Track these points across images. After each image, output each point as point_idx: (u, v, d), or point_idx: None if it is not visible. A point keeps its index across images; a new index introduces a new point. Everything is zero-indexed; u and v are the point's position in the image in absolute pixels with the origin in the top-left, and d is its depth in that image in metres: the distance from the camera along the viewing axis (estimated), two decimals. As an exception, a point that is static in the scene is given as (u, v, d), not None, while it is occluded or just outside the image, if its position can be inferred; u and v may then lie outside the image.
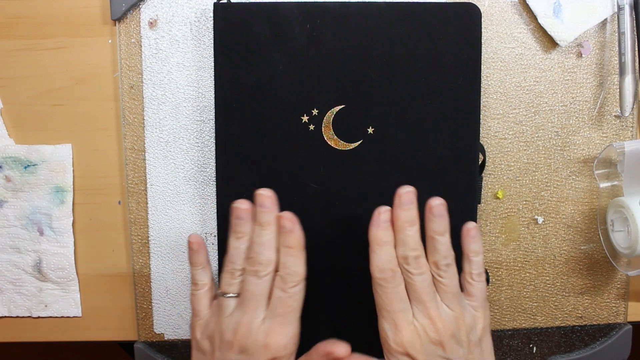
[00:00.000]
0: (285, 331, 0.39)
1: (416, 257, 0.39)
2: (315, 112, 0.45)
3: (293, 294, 0.39)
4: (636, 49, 0.47)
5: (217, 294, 0.41)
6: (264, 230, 0.40)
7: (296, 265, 0.40)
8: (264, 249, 0.40)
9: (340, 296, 0.47)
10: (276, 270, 0.40)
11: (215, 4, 0.45)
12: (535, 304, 0.52)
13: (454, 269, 0.40)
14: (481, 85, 0.47)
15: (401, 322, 0.39)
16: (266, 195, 0.41)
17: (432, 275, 0.40)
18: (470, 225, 0.41)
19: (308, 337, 0.47)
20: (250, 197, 0.46)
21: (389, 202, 0.46)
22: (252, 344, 0.38)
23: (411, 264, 0.39)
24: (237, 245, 0.41)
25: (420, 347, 0.38)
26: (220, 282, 0.42)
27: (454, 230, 0.46)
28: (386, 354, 0.40)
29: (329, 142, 0.46)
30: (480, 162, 0.48)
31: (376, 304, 0.40)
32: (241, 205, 0.41)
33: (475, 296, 0.41)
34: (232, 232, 0.42)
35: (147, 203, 0.50)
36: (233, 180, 0.46)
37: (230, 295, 0.40)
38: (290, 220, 0.40)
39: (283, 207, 0.46)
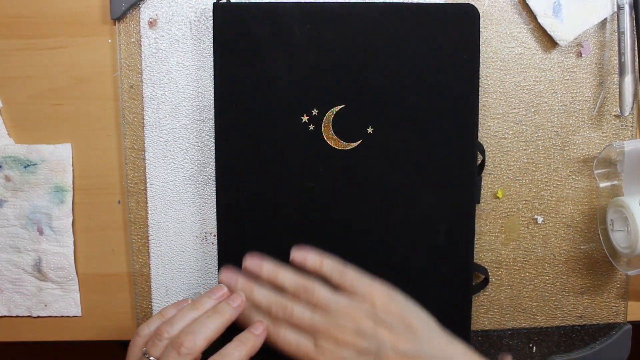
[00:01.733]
0: None
1: None
2: (315, 112, 0.45)
3: None
4: (636, 48, 0.47)
5: (142, 351, 0.41)
6: (209, 318, 0.41)
7: (200, 334, 0.40)
8: (202, 335, 0.40)
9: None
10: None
11: (214, 4, 0.45)
12: (535, 304, 0.52)
13: None
14: (481, 85, 0.47)
15: None
16: (224, 290, 0.43)
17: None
18: None
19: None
20: (251, 198, 0.46)
21: (389, 201, 0.46)
22: None
23: None
24: (188, 314, 0.41)
25: None
26: (148, 340, 0.41)
27: (452, 230, 0.46)
28: None
29: (328, 142, 0.46)
30: (479, 162, 0.48)
31: None
32: (224, 288, 0.43)
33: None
34: (194, 301, 0.42)
35: (147, 203, 0.50)
36: (233, 181, 0.46)
37: (152, 359, 0.40)
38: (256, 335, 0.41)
39: (283, 207, 0.46)
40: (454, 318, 0.47)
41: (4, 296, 0.52)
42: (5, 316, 0.52)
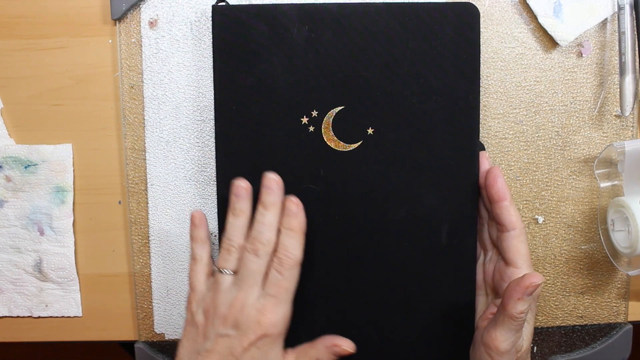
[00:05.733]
0: (277, 310, 0.40)
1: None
2: (314, 113, 0.45)
3: (288, 275, 0.41)
4: (636, 48, 0.47)
5: (214, 270, 0.43)
6: (267, 211, 0.42)
7: (294, 248, 0.41)
8: (266, 229, 0.41)
9: (340, 297, 0.47)
10: (274, 251, 0.42)
11: (213, 6, 0.45)
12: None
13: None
14: (481, 85, 0.47)
15: None
16: (274, 179, 0.43)
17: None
18: None
19: (309, 334, 0.47)
20: (250, 198, 0.46)
21: (389, 202, 0.46)
22: (245, 319, 0.40)
23: None
24: (234, 222, 0.43)
25: None
26: (218, 258, 0.43)
27: (454, 230, 0.46)
28: None
29: (328, 144, 0.46)
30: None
31: None
32: (241, 184, 0.43)
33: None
34: (230, 210, 0.43)
35: (147, 203, 0.50)
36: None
37: (227, 271, 0.42)
38: (296, 204, 0.42)
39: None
40: (458, 318, 0.47)
41: (4, 296, 0.52)
42: (5, 316, 0.52)
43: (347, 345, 0.42)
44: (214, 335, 0.40)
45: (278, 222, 0.42)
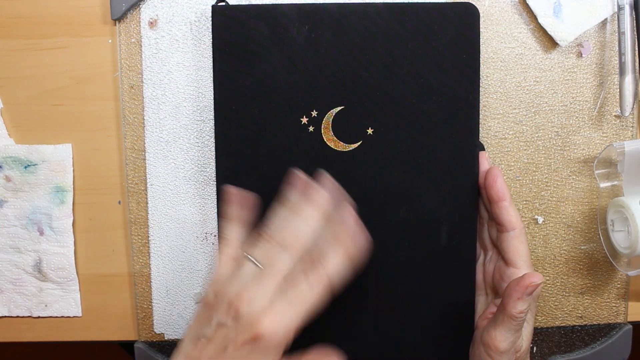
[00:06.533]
0: (284, 317, 0.36)
1: None
2: (314, 113, 0.45)
3: (316, 291, 0.36)
4: (636, 49, 0.47)
5: (241, 254, 0.39)
6: (314, 211, 0.38)
7: (336, 269, 0.37)
8: (310, 234, 0.38)
9: (340, 297, 0.47)
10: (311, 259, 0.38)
11: (213, 6, 0.45)
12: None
13: None
14: (481, 85, 0.47)
15: None
16: (330, 180, 0.40)
17: None
18: None
19: (307, 334, 0.47)
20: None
21: (389, 202, 0.46)
22: (247, 313, 0.35)
23: None
24: (285, 216, 0.39)
25: None
26: (249, 244, 0.39)
27: (454, 230, 0.46)
28: None
29: (328, 144, 0.46)
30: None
31: None
32: (314, 183, 0.39)
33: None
34: (285, 203, 0.40)
35: (147, 203, 0.50)
36: (233, 182, 0.46)
37: (254, 259, 0.38)
38: (366, 237, 0.39)
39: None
40: (458, 318, 0.47)
41: (4, 296, 0.52)
42: (5, 316, 0.52)
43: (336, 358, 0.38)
44: (215, 321, 0.37)
45: (325, 231, 0.38)
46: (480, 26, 0.45)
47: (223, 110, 0.46)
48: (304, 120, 0.45)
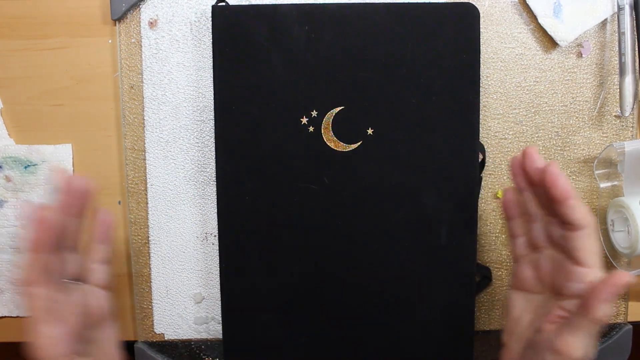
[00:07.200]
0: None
1: None
2: (314, 113, 0.45)
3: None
4: (636, 49, 0.47)
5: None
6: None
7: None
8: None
9: (340, 296, 0.47)
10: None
11: (213, 6, 0.45)
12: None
13: None
14: (481, 85, 0.47)
15: None
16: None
17: None
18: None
19: (308, 334, 0.47)
20: (251, 199, 0.46)
21: (390, 203, 0.46)
22: None
23: None
24: None
25: None
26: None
27: (454, 230, 0.46)
28: None
29: (328, 144, 0.46)
30: (480, 161, 0.48)
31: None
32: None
33: None
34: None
35: (147, 203, 0.50)
36: (233, 182, 0.46)
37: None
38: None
39: (283, 208, 0.46)
40: (458, 318, 0.47)
41: (4, 296, 0.52)
42: (5, 316, 0.52)
43: None
44: None
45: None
46: (481, 26, 0.45)
47: (223, 110, 0.46)
48: (304, 120, 0.45)
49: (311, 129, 0.46)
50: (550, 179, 0.38)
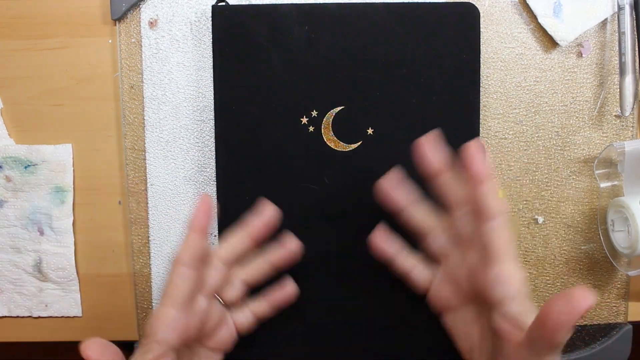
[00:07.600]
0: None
1: None
2: (314, 113, 0.45)
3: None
4: (636, 49, 0.47)
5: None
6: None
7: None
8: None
9: (340, 296, 0.47)
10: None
11: (213, 6, 0.45)
12: (536, 304, 0.52)
13: None
14: (481, 85, 0.47)
15: None
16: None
17: None
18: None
19: (308, 333, 0.47)
20: (251, 199, 0.46)
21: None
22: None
23: None
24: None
25: None
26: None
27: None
28: None
29: (328, 144, 0.46)
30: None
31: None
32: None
33: None
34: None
35: (147, 203, 0.50)
36: (233, 183, 0.46)
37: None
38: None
39: (283, 208, 0.46)
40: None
41: (4, 296, 0.52)
42: (5, 316, 0.52)
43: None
44: None
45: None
46: (481, 26, 0.46)
47: (223, 110, 0.46)
48: (304, 120, 0.45)
49: (311, 128, 0.46)
50: (469, 155, 0.35)
